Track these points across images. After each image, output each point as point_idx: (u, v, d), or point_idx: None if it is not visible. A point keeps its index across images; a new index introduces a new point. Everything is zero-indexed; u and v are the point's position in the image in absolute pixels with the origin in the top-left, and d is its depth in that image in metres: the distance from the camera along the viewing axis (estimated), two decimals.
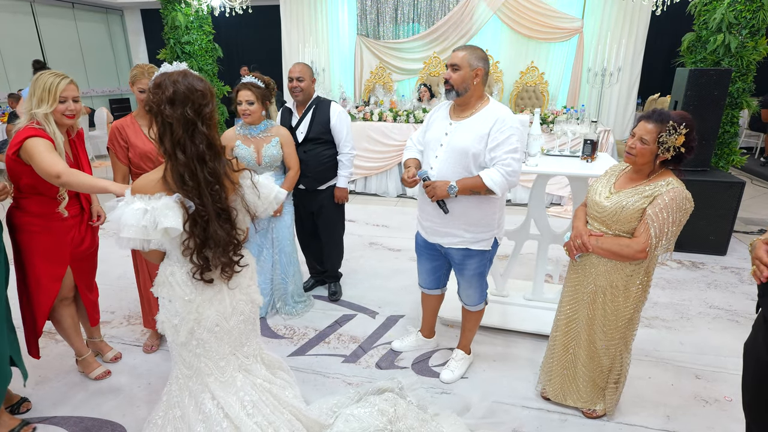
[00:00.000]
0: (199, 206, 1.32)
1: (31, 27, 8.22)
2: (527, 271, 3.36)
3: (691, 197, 1.64)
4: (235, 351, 1.54)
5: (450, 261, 2.19)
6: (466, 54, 1.90)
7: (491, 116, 1.91)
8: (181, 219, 1.31)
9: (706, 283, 3.33)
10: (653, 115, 1.64)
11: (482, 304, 2.25)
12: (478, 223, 2.01)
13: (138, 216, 1.27)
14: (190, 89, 1.28)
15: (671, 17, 6.03)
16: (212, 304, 1.44)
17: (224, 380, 1.50)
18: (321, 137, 2.74)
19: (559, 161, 2.67)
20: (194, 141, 1.30)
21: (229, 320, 1.48)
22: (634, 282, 1.77)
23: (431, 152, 2.02)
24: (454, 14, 6.72)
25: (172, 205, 1.30)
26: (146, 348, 2.51)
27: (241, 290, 1.52)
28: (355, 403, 1.93)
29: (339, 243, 3.07)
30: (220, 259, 1.39)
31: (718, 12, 3.83)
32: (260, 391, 1.55)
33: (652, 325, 2.79)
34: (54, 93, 1.81)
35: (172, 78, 1.30)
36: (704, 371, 2.38)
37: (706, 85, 3.60)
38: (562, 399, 2.06)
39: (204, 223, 1.34)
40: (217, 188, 1.34)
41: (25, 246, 1.97)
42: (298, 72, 2.67)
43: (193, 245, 1.35)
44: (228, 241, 1.39)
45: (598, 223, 1.80)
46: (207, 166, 1.32)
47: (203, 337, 1.44)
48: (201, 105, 1.30)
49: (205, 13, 5.48)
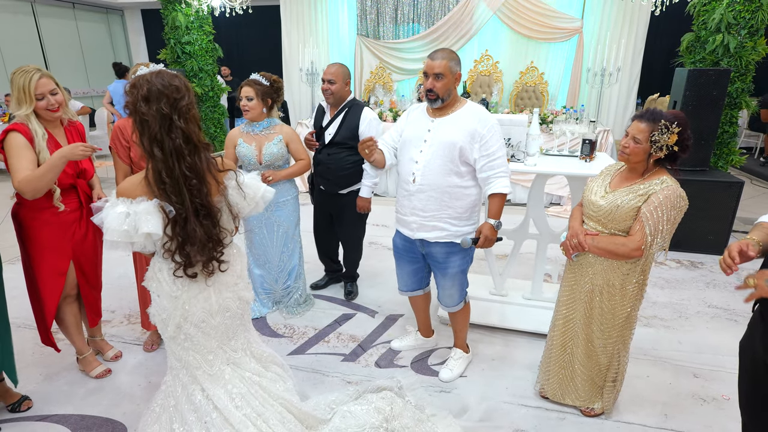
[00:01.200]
0: (177, 204, 1.33)
1: (31, 27, 8.23)
2: (526, 271, 3.37)
3: (685, 195, 1.66)
4: (222, 345, 1.55)
5: (431, 262, 2.19)
6: (446, 62, 1.92)
7: (472, 113, 1.98)
8: (161, 223, 1.32)
9: (704, 283, 3.34)
10: (646, 114, 1.67)
11: (462, 302, 2.26)
12: (461, 216, 2.04)
13: (120, 220, 1.29)
14: (165, 85, 1.30)
15: (670, 17, 6.03)
16: (198, 300, 1.45)
17: (213, 373, 1.52)
18: (347, 142, 2.69)
19: (557, 161, 2.67)
20: (171, 136, 1.30)
21: (215, 317, 1.49)
22: (630, 281, 1.78)
23: (413, 149, 2.04)
24: (454, 14, 6.73)
25: (152, 210, 1.31)
26: (146, 346, 2.52)
27: (228, 288, 1.52)
28: (353, 400, 1.95)
29: (358, 245, 3.04)
30: (198, 256, 1.39)
31: (717, 12, 3.84)
32: (249, 384, 1.56)
33: (650, 324, 2.80)
34: (29, 92, 1.81)
35: (146, 77, 1.32)
36: (702, 370, 2.39)
37: (705, 85, 3.61)
38: (561, 398, 2.07)
39: (183, 222, 1.34)
40: (195, 183, 1.34)
41: (28, 241, 2.01)
42: (330, 74, 2.63)
43: (174, 247, 1.36)
44: (207, 239, 1.39)
45: (594, 222, 1.81)
46: (185, 161, 1.32)
47: (190, 332, 1.46)
48: (176, 99, 1.30)
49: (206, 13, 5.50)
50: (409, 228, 2.13)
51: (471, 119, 1.96)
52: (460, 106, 2.02)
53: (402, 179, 2.10)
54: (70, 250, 2.07)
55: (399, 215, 2.18)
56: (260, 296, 2.88)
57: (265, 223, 2.72)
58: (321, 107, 2.86)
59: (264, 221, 2.71)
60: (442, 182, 1.99)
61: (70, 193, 2.04)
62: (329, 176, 2.76)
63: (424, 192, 2.01)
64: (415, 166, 2.02)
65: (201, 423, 1.48)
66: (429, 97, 1.99)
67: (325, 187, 2.82)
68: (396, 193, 2.19)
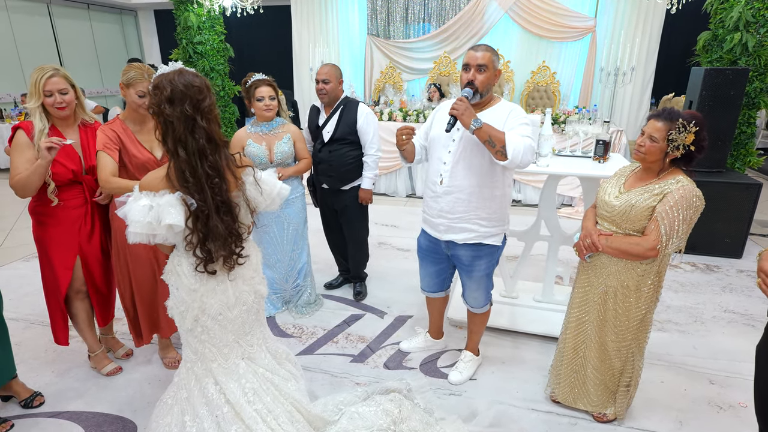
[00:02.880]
0: (200, 201, 1.37)
1: (47, 28, 8.36)
2: (537, 273, 3.33)
3: (701, 195, 1.62)
4: (238, 339, 1.57)
5: (456, 263, 2.17)
6: (490, 54, 1.84)
7: (505, 109, 1.91)
8: (183, 216, 1.35)
9: (720, 287, 3.27)
10: (663, 113, 1.64)
11: (488, 305, 2.23)
12: (490, 217, 1.99)
13: (143, 212, 1.32)
14: (187, 86, 1.33)
15: (686, 15, 5.92)
16: (215, 294, 1.48)
17: (227, 366, 1.54)
18: (347, 138, 2.73)
19: (570, 162, 2.64)
20: (194, 136, 1.34)
21: (232, 310, 1.52)
22: (645, 282, 1.75)
23: (442, 148, 1.99)
24: (464, 13, 6.69)
25: (174, 203, 1.35)
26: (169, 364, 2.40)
27: (245, 281, 1.55)
28: (361, 401, 1.94)
29: (363, 244, 3.06)
30: (220, 252, 1.43)
31: (735, 10, 3.76)
32: (262, 380, 1.58)
33: (665, 328, 2.75)
34: (38, 88, 1.89)
35: (169, 77, 1.34)
36: (718, 376, 2.34)
37: (723, 85, 3.53)
38: (572, 402, 2.04)
39: (205, 218, 1.38)
40: (217, 181, 1.38)
41: (38, 236, 2.08)
42: (324, 74, 2.67)
43: (196, 240, 1.39)
44: (228, 234, 1.43)
45: (608, 223, 1.78)
46: (207, 160, 1.37)
47: (207, 325, 1.49)
48: (198, 100, 1.34)
49: (217, 13, 5.53)
50: (436, 230, 2.10)
51: (502, 114, 1.89)
52: (493, 104, 1.95)
53: (429, 180, 2.06)
54: (76, 244, 2.10)
55: (426, 216, 2.14)
56: (270, 296, 2.88)
57: (276, 220, 2.73)
58: (315, 107, 2.88)
59: (275, 218, 2.72)
60: (470, 183, 1.93)
61: (73, 188, 2.05)
62: (332, 173, 2.78)
63: (452, 194, 1.97)
64: (442, 167, 1.97)
65: (212, 417, 1.48)
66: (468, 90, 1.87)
67: (327, 185, 2.83)
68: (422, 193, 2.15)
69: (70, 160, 2.02)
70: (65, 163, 1.99)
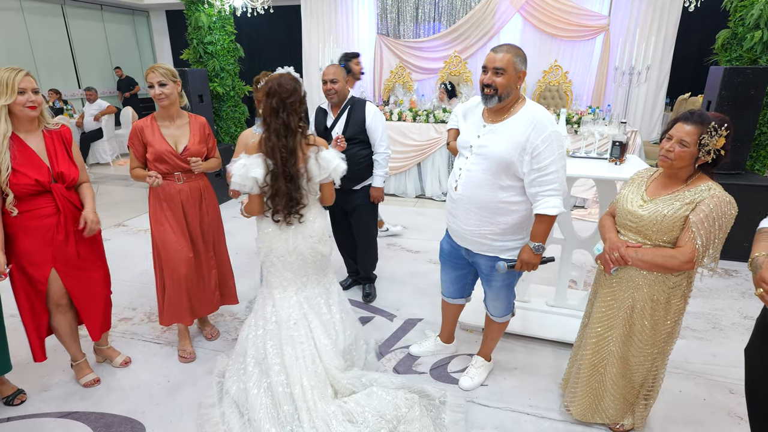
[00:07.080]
0: (274, 165, 1.83)
1: (61, 29, 8.47)
2: (550, 276, 3.27)
3: (734, 201, 1.54)
4: (295, 279, 2.00)
5: (477, 271, 2.11)
6: (510, 56, 1.74)
7: (528, 120, 1.76)
8: (263, 172, 1.83)
9: (740, 292, 3.18)
10: (692, 116, 1.55)
11: (509, 315, 2.17)
12: (504, 232, 1.90)
13: (240, 168, 1.84)
14: (279, 86, 1.81)
15: (703, 13, 5.79)
16: (280, 240, 1.95)
17: (284, 296, 2.00)
18: (357, 137, 2.72)
19: (585, 163, 2.57)
20: (276, 120, 1.82)
21: (291, 255, 1.96)
22: (676, 294, 1.66)
23: (461, 153, 1.95)
24: (475, 12, 6.63)
25: (259, 162, 1.84)
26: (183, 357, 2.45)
27: (304, 237, 1.96)
28: (393, 388, 1.99)
29: (372, 245, 3.03)
30: (283, 208, 1.88)
31: (755, 8, 3.65)
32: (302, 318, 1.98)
33: (682, 335, 2.67)
34: (12, 85, 1.84)
35: (273, 77, 1.84)
36: (738, 386, 2.25)
37: (743, 85, 3.44)
38: (590, 418, 1.96)
39: (275, 178, 1.84)
40: (285, 155, 1.82)
41: (10, 248, 1.96)
42: (332, 74, 2.65)
43: (268, 193, 1.87)
44: (289, 196, 1.86)
45: (634, 234, 1.68)
46: (281, 139, 1.82)
47: (273, 261, 1.98)
48: (284, 98, 1.81)
49: (228, 13, 5.53)
50: (456, 235, 2.05)
51: (526, 127, 1.74)
52: (518, 108, 1.80)
53: (449, 183, 2.01)
54: (49, 256, 1.99)
55: (448, 221, 2.09)
56: None
57: None
58: (321, 109, 2.86)
59: None
60: (483, 197, 1.85)
61: (41, 197, 1.95)
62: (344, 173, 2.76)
63: (464, 203, 1.91)
64: (458, 173, 1.92)
65: (264, 328, 1.98)
66: (485, 93, 1.78)
67: (339, 185, 2.79)
68: None
69: (34, 169, 1.90)
70: (27, 172, 1.88)
